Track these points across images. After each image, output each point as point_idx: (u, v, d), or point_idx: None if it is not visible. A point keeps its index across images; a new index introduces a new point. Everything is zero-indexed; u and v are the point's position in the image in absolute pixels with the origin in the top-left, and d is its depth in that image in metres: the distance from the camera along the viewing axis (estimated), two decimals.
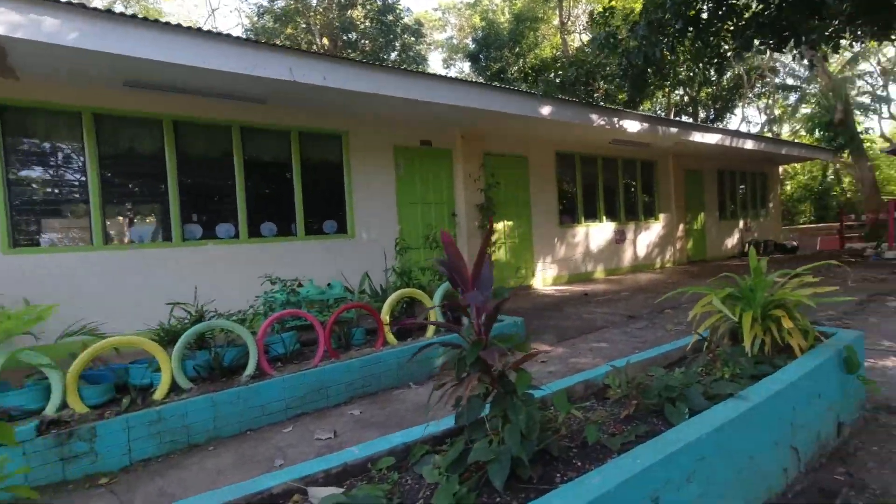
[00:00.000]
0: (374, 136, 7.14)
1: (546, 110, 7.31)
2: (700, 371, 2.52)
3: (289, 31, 22.07)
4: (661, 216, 11.55)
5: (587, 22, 22.71)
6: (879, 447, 2.57)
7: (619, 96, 26.51)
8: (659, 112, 26.93)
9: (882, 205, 16.23)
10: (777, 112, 31.84)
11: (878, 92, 29.06)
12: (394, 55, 23.30)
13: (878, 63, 27.63)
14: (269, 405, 3.44)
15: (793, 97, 30.25)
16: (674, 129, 9.50)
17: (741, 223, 14.05)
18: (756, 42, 4.79)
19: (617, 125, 8.40)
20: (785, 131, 32.72)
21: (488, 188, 8.04)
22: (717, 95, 27.25)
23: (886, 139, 27.86)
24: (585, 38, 26.02)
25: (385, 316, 4.32)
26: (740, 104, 28.85)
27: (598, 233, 10.15)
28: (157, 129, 5.56)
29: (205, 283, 5.60)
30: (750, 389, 2.07)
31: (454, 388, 1.66)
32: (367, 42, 22.61)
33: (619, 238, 10.58)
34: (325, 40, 21.91)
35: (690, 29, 4.82)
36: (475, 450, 1.55)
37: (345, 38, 22.43)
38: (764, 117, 32.88)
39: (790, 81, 29.35)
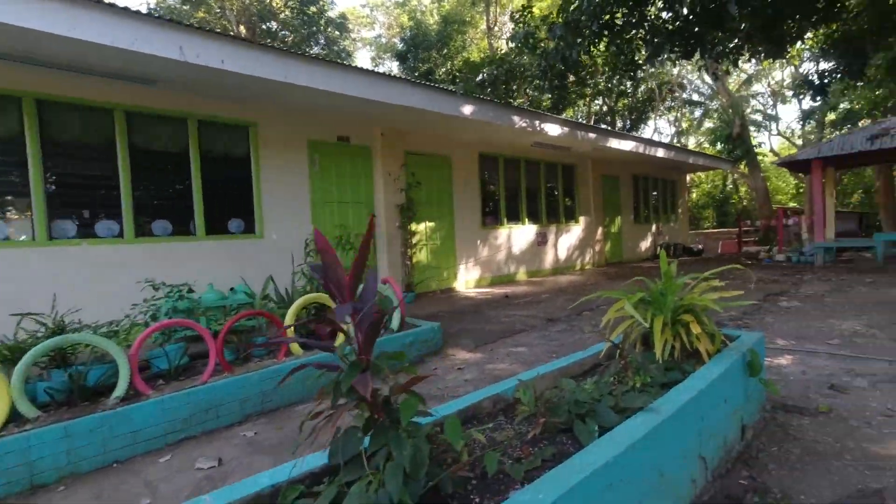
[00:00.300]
0: (287, 130, 6.64)
1: (468, 109, 7.19)
2: (612, 380, 2.40)
3: (201, 14, 20.59)
4: (581, 219, 11.89)
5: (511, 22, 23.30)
6: (778, 447, 2.58)
7: (544, 103, 27.31)
8: (581, 119, 28.09)
9: (772, 212, 17.87)
10: (684, 125, 34.35)
11: (769, 111, 32.17)
12: (317, 49, 22.47)
13: (769, 85, 30.58)
14: (143, 431, 2.95)
15: (698, 112, 32.81)
16: (592, 135, 9.77)
17: (654, 227, 14.84)
18: (665, 49, 4.96)
19: (538, 128, 8.47)
20: (691, 143, 35.41)
21: (409, 188, 7.79)
22: (633, 107, 28.93)
23: (775, 153, 30.86)
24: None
25: (289, 323, 3.93)
26: (653, 116, 30.73)
27: (520, 235, 10.22)
28: (15, 107, 4.75)
29: (79, 288, 4.87)
30: (660, 401, 1.96)
31: (328, 419, 1.37)
32: (288, 33, 21.61)
33: (541, 240, 10.74)
34: (241, 28, 20.66)
35: (606, 32, 4.91)
36: (350, 495, 1.27)
37: (264, 26, 21.30)
38: (673, 129, 35.34)
39: (696, 97, 31.77)
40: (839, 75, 7.48)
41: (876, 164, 15.15)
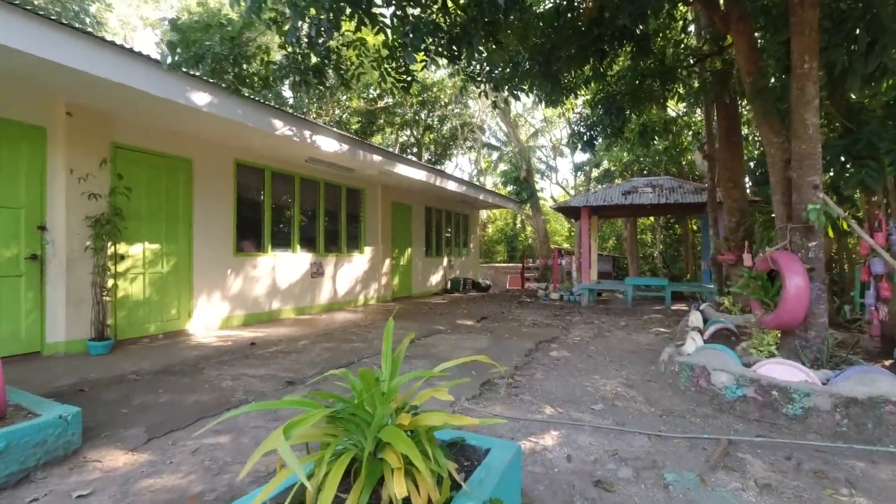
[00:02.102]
0: None
1: (200, 98, 5.40)
2: None
3: None
4: (367, 249, 10.79)
5: None
6: None
7: (353, 126, 26.34)
8: (389, 148, 27.89)
9: (550, 251, 19.53)
10: (483, 165, 37.06)
11: (550, 162, 36.68)
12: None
13: (551, 140, 34.90)
14: None
15: (495, 155, 35.71)
16: (377, 157, 8.78)
17: (445, 261, 14.61)
18: (425, 42, 4.24)
19: (309, 140, 7.07)
20: (489, 182, 38.34)
21: (114, 194, 5.58)
22: (438, 141, 29.97)
23: (554, 199, 35.09)
24: None
25: None
26: (456, 153, 32.26)
27: (290, 265, 8.58)
28: None
29: None
30: None
31: None
32: None
33: (317, 271, 9.25)
34: None
35: (363, 14, 3.96)
36: None
37: None
38: (475, 169, 37.82)
39: (494, 142, 34.50)
40: (605, 130, 7.77)
41: (626, 216, 17.62)
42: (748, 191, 8.56)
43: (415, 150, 29.47)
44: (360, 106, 25.90)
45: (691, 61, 7.66)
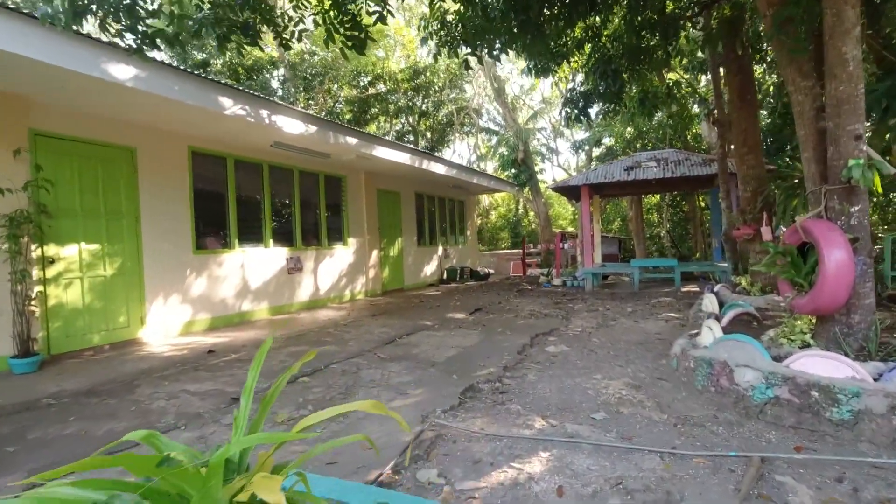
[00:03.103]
0: None
1: (120, 71, 4.60)
2: None
3: None
4: (352, 241, 10.04)
5: None
6: None
7: (346, 116, 25.54)
8: (386, 138, 27.04)
9: (553, 236, 18.71)
10: (483, 150, 36.12)
11: (550, 144, 35.65)
12: None
13: (550, 122, 33.84)
14: None
15: (495, 140, 34.74)
16: (351, 140, 7.99)
17: (440, 250, 13.85)
18: None
19: (268, 121, 6.29)
20: (489, 167, 37.43)
21: (31, 188, 4.84)
22: (434, 127, 29.09)
23: (556, 182, 34.12)
24: None
25: None
26: (453, 139, 31.40)
27: (262, 261, 7.85)
28: None
29: None
30: None
31: None
32: None
33: (294, 267, 8.53)
34: None
35: None
36: None
37: None
38: (474, 155, 36.89)
39: (493, 126, 33.51)
40: (601, 94, 6.93)
41: (630, 194, 16.73)
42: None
43: (410, 137, 28.68)
44: (352, 95, 25.07)
45: (695, 10, 6.78)
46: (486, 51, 5.89)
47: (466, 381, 4.36)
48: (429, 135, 29.25)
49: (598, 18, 7.30)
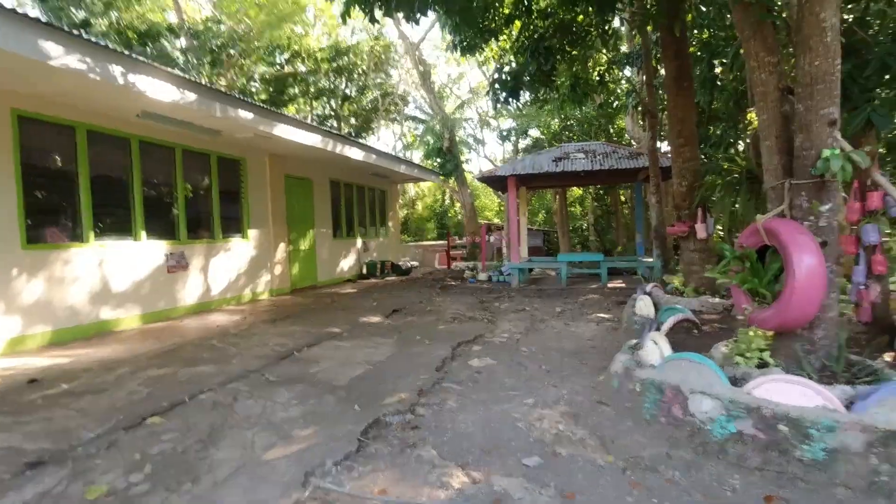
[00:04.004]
0: None
1: None
2: None
3: None
4: (253, 233, 8.73)
5: None
6: None
7: (261, 96, 23.44)
8: (307, 121, 25.21)
9: (478, 227, 18.17)
10: (409, 139, 35.04)
11: (477, 135, 35.28)
12: None
13: (478, 111, 33.44)
14: None
15: (422, 128, 33.75)
16: (245, 114, 6.72)
17: (359, 242, 12.75)
18: None
19: (123, 81, 4.93)
20: (416, 157, 36.44)
21: None
22: (358, 113, 27.62)
23: (483, 172, 33.84)
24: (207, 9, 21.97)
25: None
26: (378, 125, 30.12)
27: (131, 257, 6.43)
28: None
29: None
30: None
31: None
32: None
33: (178, 264, 7.14)
34: None
35: None
36: None
37: None
38: (400, 143, 35.70)
39: (420, 115, 32.50)
40: (531, 76, 6.23)
41: (558, 186, 16.54)
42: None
43: (334, 122, 27.04)
44: (268, 72, 23.03)
45: None
46: (402, 10, 4.96)
47: (371, 412, 3.48)
48: (353, 120, 27.77)
49: None
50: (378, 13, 5.02)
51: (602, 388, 3.90)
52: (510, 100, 6.93)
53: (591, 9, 5.97)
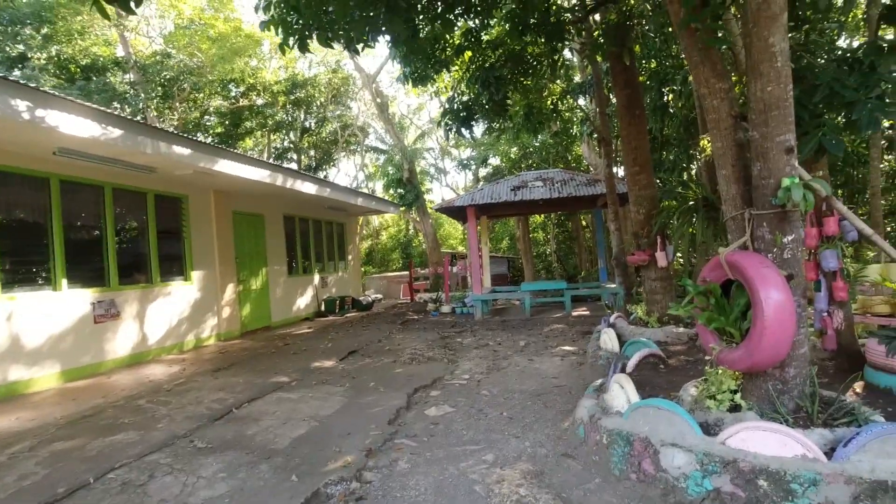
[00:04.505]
0: None
1: None
2: None
3: None
4: (197, 275, 8.14)
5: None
6: None
7: (217, 129, 22.81)
8: (263, 156, 24.56)
9: (441, 258, 17.88)
10: (371, 170, 34.81)
11: (438, 164, 35.39)
12: None
13: (438, 141, 33.65)
14: None
15: (383, 159, 33.59)
16: (181, 150, 6.27)
17: (316, 279, 12.22)
18: None
19: (30, 116, 4.45)
20: (378, 188, 36.17)
21: None
22: (318, 145, 27.26)
23: (443, 202, 33.82)
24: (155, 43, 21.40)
25: None
26: (339, 157, 29.82)
27: (48, 309, 5.77)
28: None
29: None
30: None
31: None
32: None
33: (106, 313, 6.50)
34: None
35: None
36: None
37: None
38: (361, 174, 35.40)
39: (381, 146, 32.39)
40: (483, 106, 6.07)
41: (518, 214, 16.50)
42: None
43: (293, 154, 26.56)
44: (223, 106, 22.47)
45: (580, 14, 6.24)
46: (339, 40, 4.69)
47: (311, 482, 3.05)
48: (312, 152, 27.38)
49: (476, 21, 6.51)
50: (311, 43, 4.75)
51: (567, 437, 3.58)
52: (462, 130, 6.75)
53: (539, 39, 5.91)
